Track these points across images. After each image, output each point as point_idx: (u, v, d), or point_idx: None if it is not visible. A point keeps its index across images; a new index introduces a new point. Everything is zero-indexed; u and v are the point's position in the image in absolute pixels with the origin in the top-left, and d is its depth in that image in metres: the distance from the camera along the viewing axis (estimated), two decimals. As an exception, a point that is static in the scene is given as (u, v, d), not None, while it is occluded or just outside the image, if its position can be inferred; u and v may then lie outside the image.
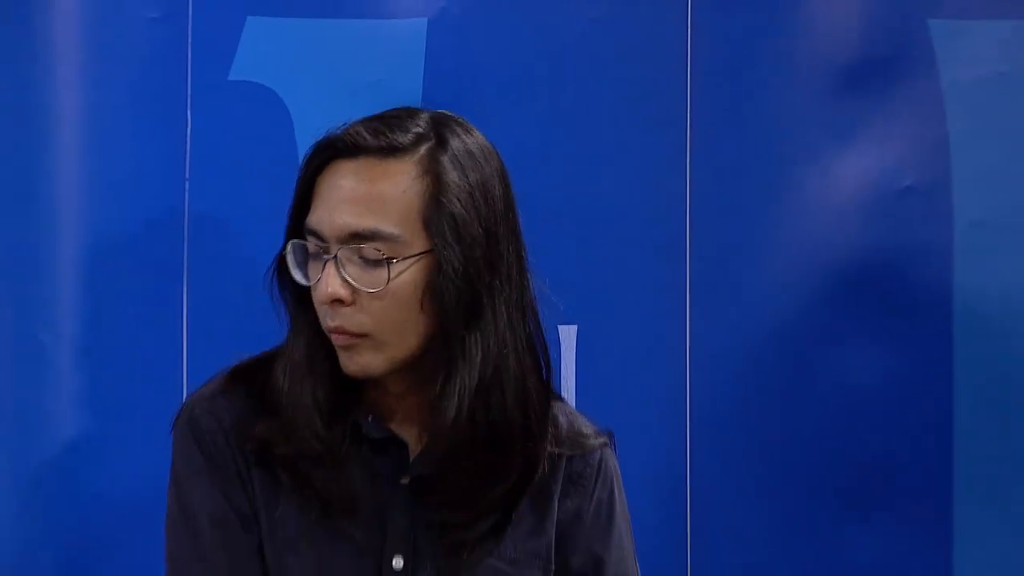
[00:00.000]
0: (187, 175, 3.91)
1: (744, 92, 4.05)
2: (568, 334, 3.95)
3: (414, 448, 3.28)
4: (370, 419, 3.24)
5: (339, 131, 3.22)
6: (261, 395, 3.30)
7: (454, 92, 3.93)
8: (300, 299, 3.25)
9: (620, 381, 4.02)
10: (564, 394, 3.76)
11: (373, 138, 3.17)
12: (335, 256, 3.15)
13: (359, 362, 3.19)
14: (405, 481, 3.25)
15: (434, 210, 3.16)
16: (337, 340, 3.19)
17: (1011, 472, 4.07)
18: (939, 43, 4.03)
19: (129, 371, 3.91)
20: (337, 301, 3.16)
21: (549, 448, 3.31)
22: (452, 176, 3.18)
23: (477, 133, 3.27)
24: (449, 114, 3.28)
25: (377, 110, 3.36)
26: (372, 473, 3.28)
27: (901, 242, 4.05)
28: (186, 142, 3.92)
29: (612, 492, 3.39)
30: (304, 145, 3.45)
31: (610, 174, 4.03)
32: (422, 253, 3.16)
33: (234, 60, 3.94)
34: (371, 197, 3.17)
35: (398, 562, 3.27)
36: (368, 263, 3.15)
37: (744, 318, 4.07)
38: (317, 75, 3.95)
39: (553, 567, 3.35)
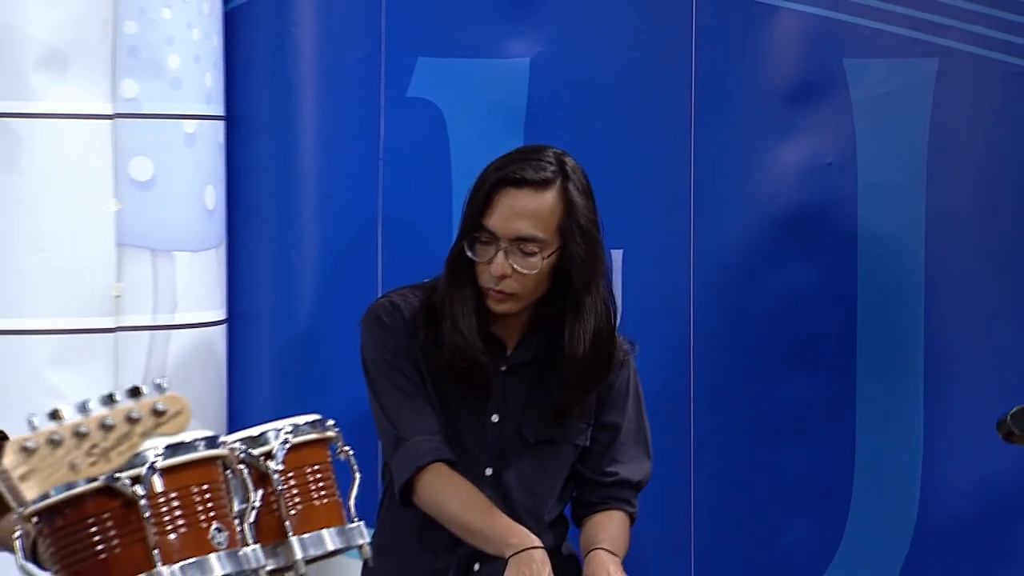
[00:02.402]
0: (380, 155, 4.04)
1: (729, 103, 4.14)
2: (618, 256, 4.06)
3: (509, 348, 3.54)
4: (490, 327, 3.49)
5: (509, 167, 3.46)
6: (424, 310, 3.51)
7: (547, 105, 4.07)
8: (464, 264, 3.48)
9: (647, 285, 4.11)
10: (616, 288, 3.90)
11: (533, 173, 3.44)
12: (504, 248, 3.43)
13: (505, 308, 3.47)
14: (503, 368, 3.54)
15: (568, 223, 3.46)
16: (495, 296, 3.45)
17: (890, 342, 4.15)
18: (850, 73, 4.11)
19: (342, 282, 4.05)
20: (502, 275, 3.44)
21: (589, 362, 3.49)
22: (578, 200, 3.46)
23: (574, 160, 3.51)
24: (561, 151, 3.52)
25: (498, 120, 3.66)
26: (482, 362, 3.51)
27: (825, 197, 4.14)
28: (379, 136, 4.06)
29: (629, 379, 3.60)
30: (454, 138, 3.76)
31: (645, 153, 4.13)
32: (556, 250, 3.46)
33: (410, 84, 4.06)
34: (532, 214, 3.45)
35: (495, 417, 3.55)
36: (524, 254, 3.44)
37: (726, 244, 4.15)
38: (460, 93, 4.06)
39: (593, 421, 3.57)
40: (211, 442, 2.50)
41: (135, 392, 2.08)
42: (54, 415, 2.07)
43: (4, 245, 3.67)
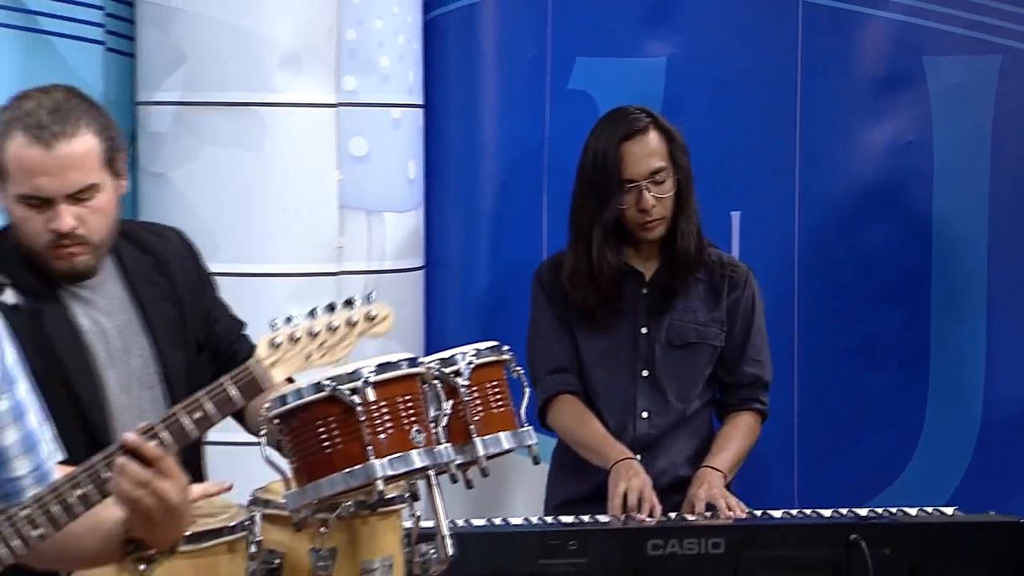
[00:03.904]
0: (546, 136, 4.06)
1: (828, 93, 4.07)
2: (736, 217, 4.06)
3: (647, 275, 3.49)
4: (625, 261, 3.46)
5: (617, 129, 3.41)
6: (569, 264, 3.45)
7: (680, 94, 4.03)
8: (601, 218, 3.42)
9: (759, 239, 4.05)
10: (734, 242, 3.99)
11: (637, 123, 3.44)
12: (644, 186, 3.40)
13: (658, 232, 3.43)
14: (645, 291, 3.50)
15: (672, 146, 3.44)
16: (649, 226, 3.41)
17: (958, 286, 4.09)
18: (928, 68, 4.06)
19: (514, 238, 4.04)
20: (652, 206, 3.39)
21: (713, 266, 3.48)
22: (670, 128, 3.45)
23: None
24: (637, 106, 3.46)
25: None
26: (626, 287, 3.47)
27: (906, 170, 4.08)
28: (545, 120, 4.07)
29: (754, 295, 3.53)
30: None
31: (759, 134, 4.09)
32: (674, 168, 3.43)
33: (570, 78, 4.06)
34: (653, 152, 3.43)
35: (644, 330, 3.49)
36: (658, 183, 3.41)
37: (824, 207, 4.09)
38: (610, 86, 4.00)
39: (726, 329, 3.51)
40: (412, 362, 2.51)
41: (349, 302, 2.12)
42: (289, 319, 2.13)
43: (253, 207, 3.71)
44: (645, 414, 3.48)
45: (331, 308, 2.13)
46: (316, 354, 2.07)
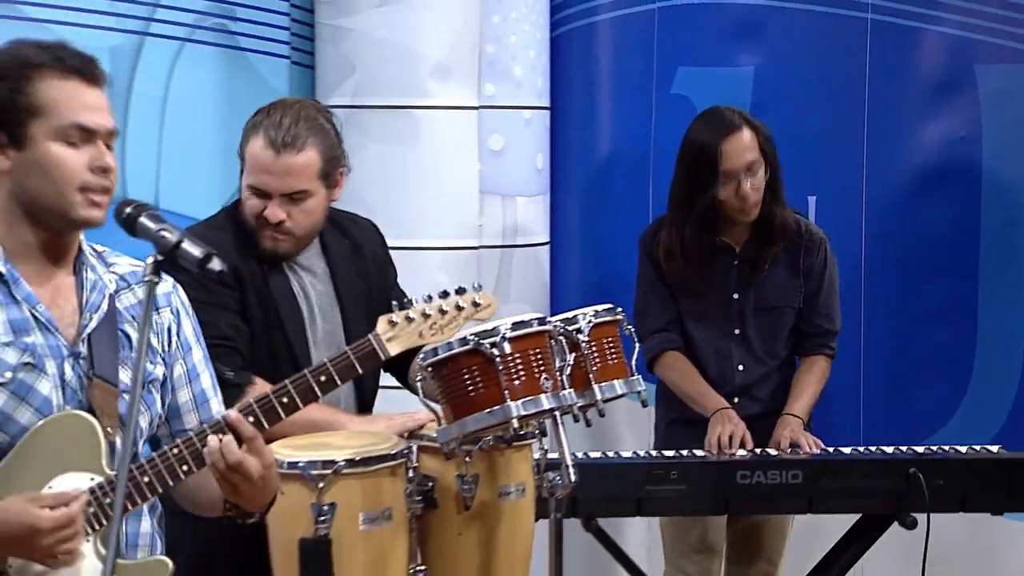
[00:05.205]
0: (652, 134, 4.01)
1: (892, 95, 3.97)
2: (812, 201, 3.95)
3: (738, 248, 3.40)
4: (719, 238, 3.37)
5: (712, 127, 3.29)
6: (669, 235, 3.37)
7: (766, 98, 3.94)
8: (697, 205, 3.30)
9: (831, 219, 3.82)
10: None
11: (731, 121, 3.33)
12: (741, 176, 3.26)
13: (754, 215, 3.31)
14: (736, 263, 3.40)
15: (764, 142, 3.32)
16: (747, 210, 3.28)
17: (1004, 259, 3.96)
18: (978, 74, 3.95)
19: (625, 216, 3.94)
20: (753, 190, 3.27)
21: (793, 236, 3.35)
22: (760, 126, 3.34)
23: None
24: (722, 105, 3.34)
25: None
26: (720, 260, 3.39)
27: (958, 160, 3.97)
28: (651, 120, 4.02)
29: (826, 259, 3.42)
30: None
31: (833, 130, 3.97)
32: (765, 159, 3.32)
33: (672, 85, 4.00)
34: (749, 146, 3.31)
35: (735, 295, 3.40)
36: (754, 173, 3.29)
37: (887, 191, 3.98)
38: (706, 91, 3.89)
39: (803, 291, 3.42)
40: (541, 321, 2.53)
41: (461, 290, 2.12)
42: (408, 303, 2.11)
43: (410, 192, 3.70)
44: (741, 367, 3.43)
45: (445, 295, 2.13)
46: (427, 332, 2.08)
